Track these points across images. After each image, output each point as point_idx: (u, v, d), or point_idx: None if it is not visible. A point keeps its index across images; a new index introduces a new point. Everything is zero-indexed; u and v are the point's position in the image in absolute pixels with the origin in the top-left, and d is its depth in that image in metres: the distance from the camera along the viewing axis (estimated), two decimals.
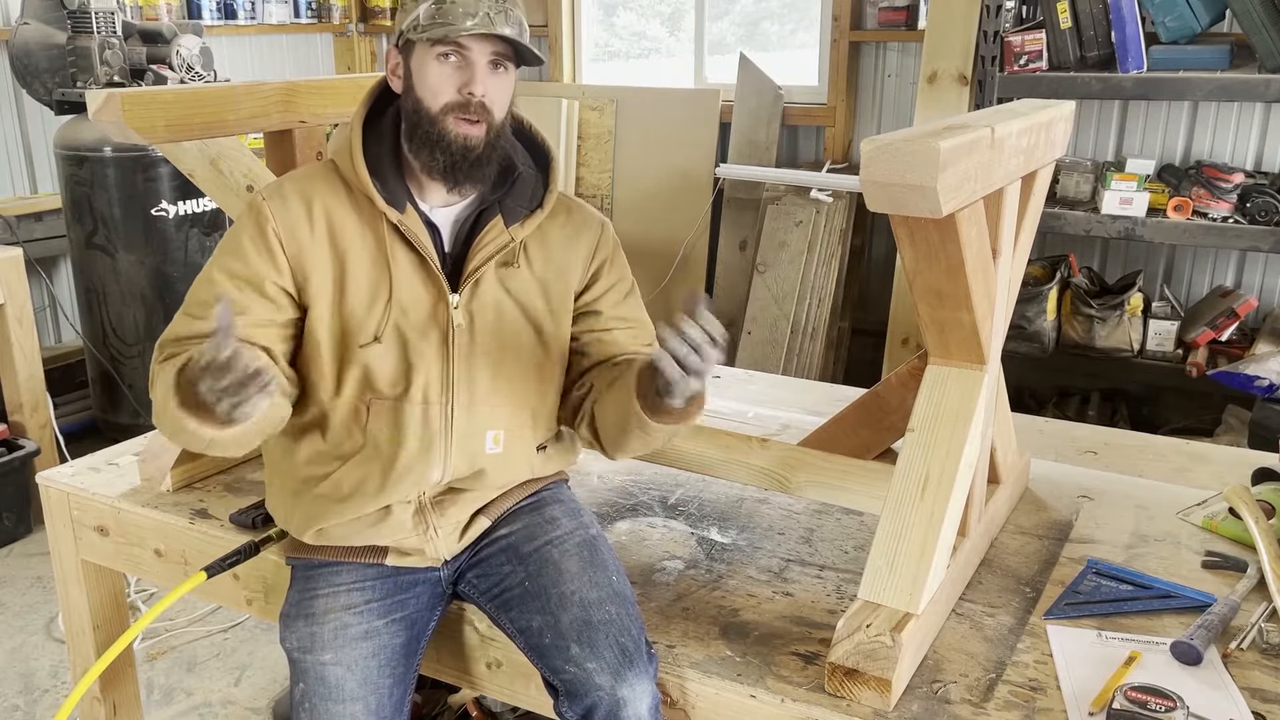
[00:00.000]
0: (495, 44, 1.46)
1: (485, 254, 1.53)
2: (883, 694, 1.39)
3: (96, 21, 3.57)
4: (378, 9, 5.36)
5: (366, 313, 1.51)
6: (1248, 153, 3.71)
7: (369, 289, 1.51)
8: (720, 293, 4.56)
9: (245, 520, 1.84)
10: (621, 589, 1.53)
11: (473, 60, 1.45)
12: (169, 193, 3.65)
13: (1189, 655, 1.47)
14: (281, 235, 1.49)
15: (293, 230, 1.50)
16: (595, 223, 1.65)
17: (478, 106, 1.46)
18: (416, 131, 1.49)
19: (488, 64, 1.46)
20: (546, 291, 1.58)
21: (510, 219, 1.55)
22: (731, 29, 5.02)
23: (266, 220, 1.50)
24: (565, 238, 1.61)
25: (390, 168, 1.52)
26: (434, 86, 1.46)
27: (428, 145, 1.48)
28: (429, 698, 2.40)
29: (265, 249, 1.49)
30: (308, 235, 1.50)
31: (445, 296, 1.52)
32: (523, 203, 1.57)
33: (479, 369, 1.55)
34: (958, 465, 1.50)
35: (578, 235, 1.62)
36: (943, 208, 1.19)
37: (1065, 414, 3.74)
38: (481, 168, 1.50)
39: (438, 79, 1.46)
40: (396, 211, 1.50)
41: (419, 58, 1.48)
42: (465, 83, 1.46)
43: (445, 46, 1.45)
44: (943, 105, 3.58)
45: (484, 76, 1.46)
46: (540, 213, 1.57)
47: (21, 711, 2.59)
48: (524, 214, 1.56)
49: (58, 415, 3.58)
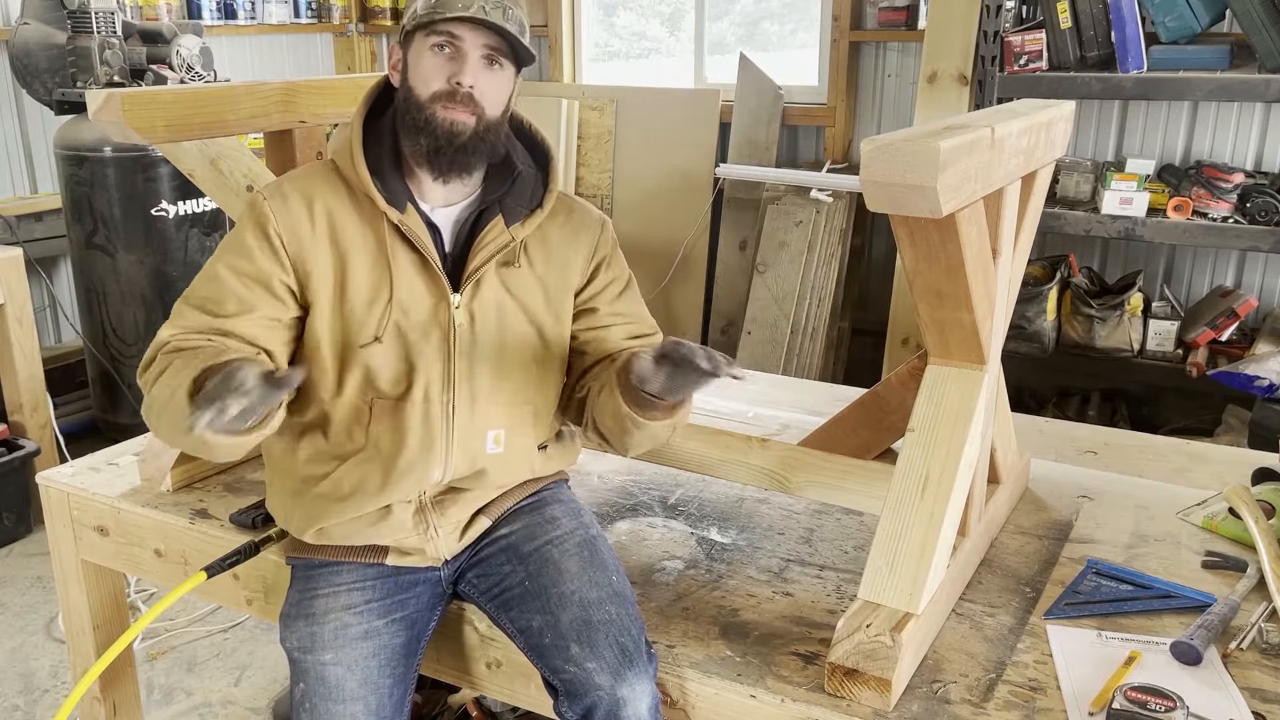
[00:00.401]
0: (487, 35, 1.46)
1: (486, 253, 1.53)
2: (883, 694, 1.39)
3: (96, 21, 3.57)
4: (378, 9, 5.36)
5: (367, 312, 1.51)
6: (1248, 153, 3.71)
7: (370, 289, 1.51)
8: (720, 293, 4.57)
9: (245, 520, 1.84)
10: (621, 589, 1.53)
11: (465, 51, 1.46)
12: (169, 193, 3.65)
13: (1189, 655, 1.47)
14: (283, 234, 1.49)
15: (294, 229, 1.50)
16: (595, 221, 1.65)
17: (465, 96, 1.46)
18: (406, 119, 1.49)
19: (481, 58, 1.47)
20: (547, 291, 1.59)
21: (511, 218, 1.55)
22: (731, 29, 5.02)
23: (268, 219, 1.50)
24: (565, 237, 1.61)
25: (391, 167, 1.53)
26: (425, 75, 1.47)
27: (414, 131, 1.48)
28: (429, 698, 2.40)
29: (269, 248, 1.49)
30: (309, 234, 1.50)
31: (446, 296, 1.52)
32: (523, 202, 1.57)
33: (480, 369, 1.55)
34: (958, 465, 1.50)
35: (577, 234, 1.62)
36: (943, 208, 1.19)
37: (1065, 414, 3.74)
38: (467, 156, 1.49)
39: (429, 68, 1.47)
40: (397, 211, 1.50)
41: (415, 49, 1.49)
42: (455, 73, 1.46)
43: (439, 36, 1.45)
44: (943, 105, 3.58)
45: (475, 68, 1.47)
46: (540, 212, 1.57)
47: (21, 711, 2.59)
48: (524, 213, 1.57)
49: (58, 415, 3.58)
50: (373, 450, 1.54)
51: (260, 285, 1.49)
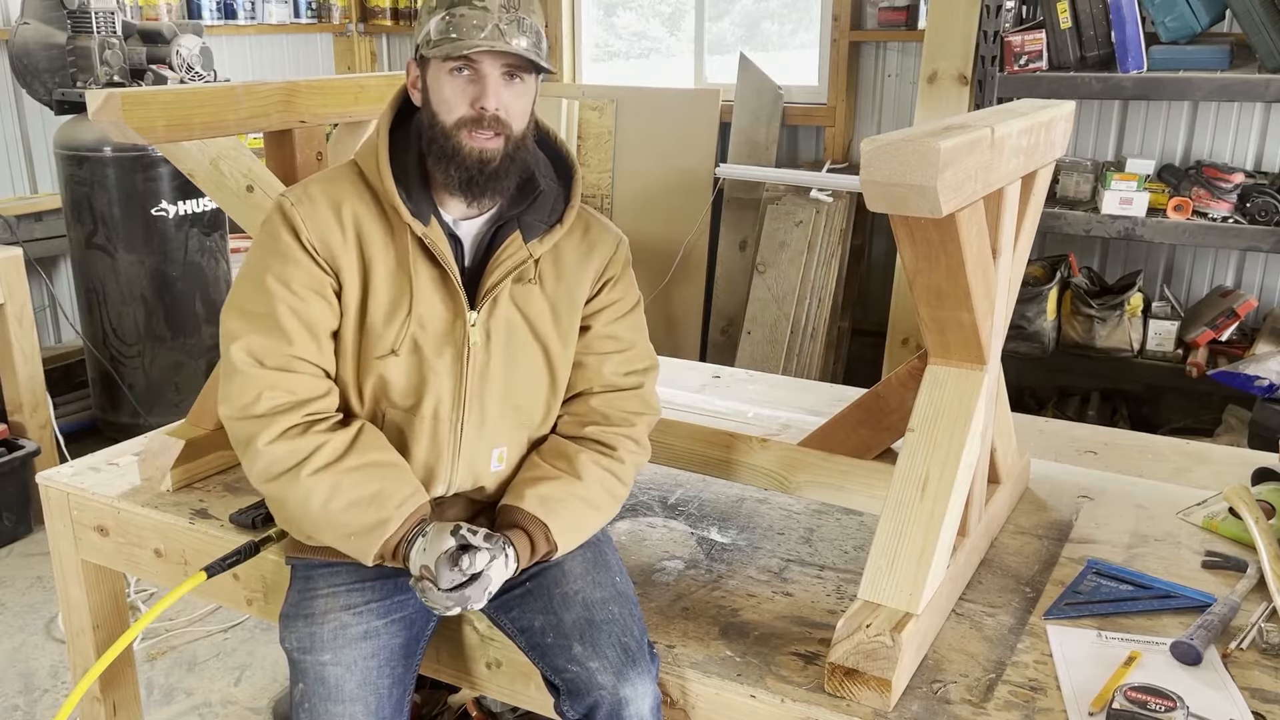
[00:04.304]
0: (505, 57, 1.43)
1: (503, 270, 1.51)
2: (883, 694, 1.39)
3: (96, 21, 3.57)
4: (378, 9, 5.36)
5: (385, 325, 1.50)
6: (1248, 153, 3.71)
7: (390, 301, 1.50)
8: (720, 293, 4.57)
9: (245, 520, 1.84)
10: (625, 589, 1.54)
11: (484, 73, 1.43)
12: (169, 193, 3.65)
13: (1189, 655, 1.47)
14: (315, 243, 1.47)
15: (325, 236, 1.48)
16: (611, 239, 1.63)
17: (491, 120, 1.44)
18: (434, 146, 1.47)
19: (501, 75, 1.44)
20: (556, 311, 1.57)
21: (529, 234, 1.53)
22: (731, 29, 5.02)
23: (300, 226, 1.47)
24: (579, 256, 1.59)
25: (415, 177, 1.50)
26: (448, 100, 1.45)
27: (444, 160, 1.46)
28: (429, 698, 2.40)
29: (307, 255, 1.47)
30: (340, 241, 1.49)
31: (464, 313, 1.51)
32: (542, 218, 1.55)
33: (491, 388, 1.54)
34: (958, 465, 1.50)
35: (591, 253, 1.60)
36: (943, 208, 1.19)
37: (1065, 414, 3.74)
38: (499, 180, 1.48)
39: (451, 93, 1.44)
40: (421, 224, 1.48)
41: (433, 72, 1.46)
42: (478, 96, 1.43)
43: (456, 61, 1.42)
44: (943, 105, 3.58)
45: (497, 89, 1.44)
46: (559, 229, 1.55)
47: (21, 711, 2.59)
48: (543, 229, 1.54)
49: (58, 415, 3.57)
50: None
51: (314, 292, 1.47)
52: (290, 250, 1.47)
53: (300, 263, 1.47)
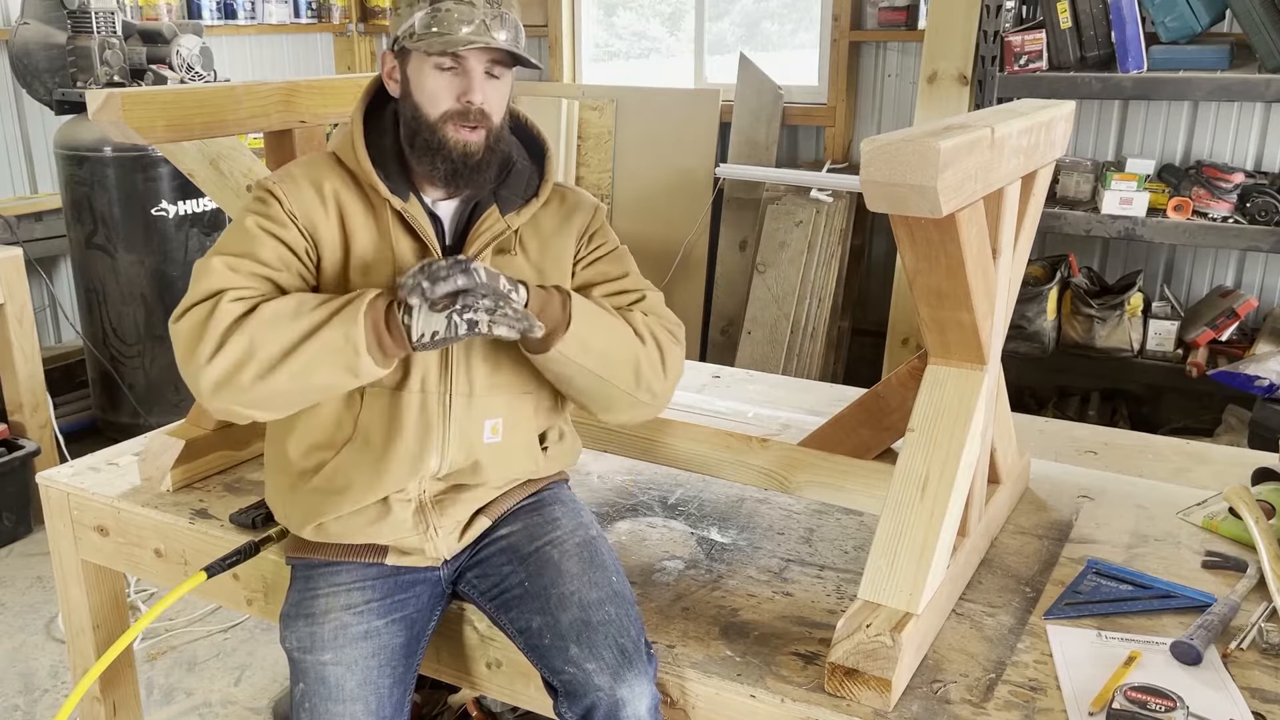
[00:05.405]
0: (492, 52, 1.46)
1: (482, 241, 1.54)
2: (883, 694, 1.39)
3: (96, 21, 3.57)
4: (378, 9, 5.36)
5: None
6: (1248, 153, 3.71)
7: (371, 277, 1.51)
8: (720, 293, 4.57)
9: (245, 520, 1.84)
10: (621, 589, 1.53)
11: (469, 68, 1.46)
12: (169, 193, 3.65)
13: (1189, 655, 1.47)
14: (297, 214, 1.50)
15: (307, 209, 1.51)
16: (588, 205, 1.66)
17: (476, 113, 1.47)
18: (416, 139, 1.49)
19: (485, 69, 1.47)
20: (543, 276, 1.58)
21: (505, 208, 1.56)
22: (731, 29, 5.02)
23: (282, 198, 1.50)
24: (558, 223, 1.62)
25: (393, 160, 1.54)
26: (432, 94, 1.47)
27: (428, 153, 1.49)
28: (429, 698, 2.40)
29: (288, 219, 1.49)
30: (322, 215, 1.51)
31: None
32: (518, 193, 1.58)
33: (477, 358, 1.55)
34: (958, 465, 1.50)
35: (570, 217, 1.63)
36: (943, 208, 1.19)
37: (1065, 414, 3.74)
38: (482, 172, 1.51)
39: (435, 88, 1.47)
40: (400, 200, 1.51)
41: (415, 65, 1.48)
42: (463, 91, 1.46)
43: (442, 57, 1.45)
44: (943, 105, 3.59)
45: (481, 84, 1.47)
46: (535, 201, 1.58)
47: (21, 711, 2.59)
48: (519, 203, 1.57)
49: (58, 415, 3.58)
50: (362, 439, 1.53)
51: (286, 247, 1.48)
52: (274, 213, 1.50)
53: (283, 223, 1.49)
